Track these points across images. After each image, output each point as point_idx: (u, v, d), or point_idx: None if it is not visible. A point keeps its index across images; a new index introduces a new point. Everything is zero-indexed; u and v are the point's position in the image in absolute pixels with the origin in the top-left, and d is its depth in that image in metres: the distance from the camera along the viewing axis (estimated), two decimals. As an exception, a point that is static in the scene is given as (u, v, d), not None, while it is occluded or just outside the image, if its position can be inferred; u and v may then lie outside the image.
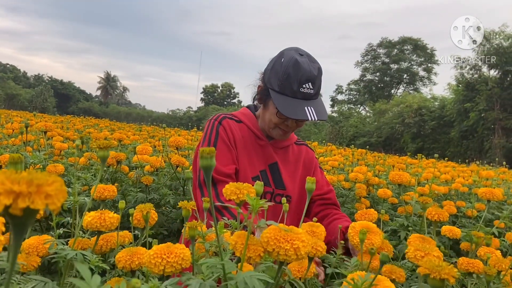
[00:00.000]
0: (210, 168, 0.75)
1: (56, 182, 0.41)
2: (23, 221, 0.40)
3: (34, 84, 65.58)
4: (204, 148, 0.73)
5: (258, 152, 1.64)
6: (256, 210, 0.82)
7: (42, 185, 0.39)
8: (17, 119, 6.06)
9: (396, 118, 29.72)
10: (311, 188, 0.99)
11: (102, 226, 1.04)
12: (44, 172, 0.41)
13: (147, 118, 50.92)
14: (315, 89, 1.53)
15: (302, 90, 1.50)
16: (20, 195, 0.38)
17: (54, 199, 0.40)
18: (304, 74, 1.50)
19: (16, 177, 0.39)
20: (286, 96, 1.51)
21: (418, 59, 44.19)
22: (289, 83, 1.50)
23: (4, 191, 0.37)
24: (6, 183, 0.38)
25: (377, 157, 5.63)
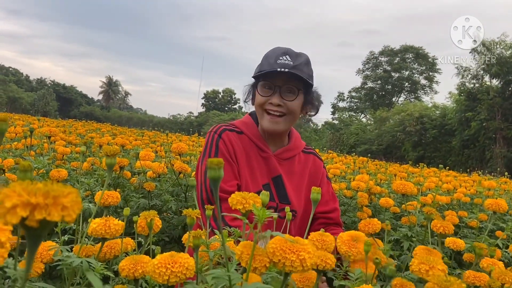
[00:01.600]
0: (218, 180, 0.75)
1: (71, 193, 0.41)
2: (38, 232, 0.40)
3: (37, 88, 65.80)
4: (212, 159, 0.73)
5: (261, 164, 1.57)
6: (262, 220, 0.82)
7: (59, 197, 0.40)
8: (20, 123, 6.08)
9: (397, 126, 29.73)
10: (316, 198, 1.00)
11: (107, 233, 1.04)
12: (60, 183, 0.42)
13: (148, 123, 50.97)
14: (294, 62, 1.48)
15: (279, 61, 1.48)
16: (37, 207, 0.38)
17: (70, 211, 0.40)
18: (281, 49, 1.51)
19: (32, 189, 0.39)
20: (264, 71, 1.50)
21: (420, 68, 44.32)
22: (267, 61, 1.51)
23: (21, 203, 0.38)
24: (23, 194, 0.38)
25: (379, 165, 5.63)
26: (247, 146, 1.58)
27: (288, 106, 1.52)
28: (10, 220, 0.38)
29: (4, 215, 0.38)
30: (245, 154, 1.56)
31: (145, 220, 1.13)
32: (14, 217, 0.38)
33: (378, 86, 46.10)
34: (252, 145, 1.59)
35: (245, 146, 1.57)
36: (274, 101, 1.50)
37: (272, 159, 1.58)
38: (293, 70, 1.46)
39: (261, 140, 1.60)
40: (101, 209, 1.51)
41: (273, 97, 1.50)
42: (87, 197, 2.14)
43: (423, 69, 44.23)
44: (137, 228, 1.15)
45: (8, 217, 0.38)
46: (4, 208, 0.38)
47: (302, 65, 1.50)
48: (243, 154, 1.56)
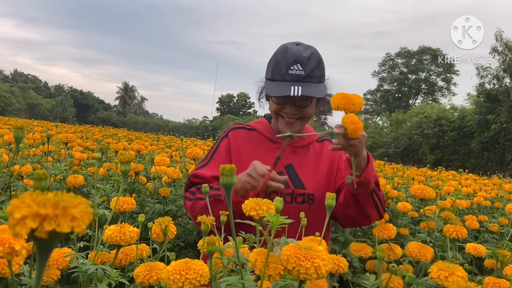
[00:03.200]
0: (230, 186, 0.74)
1: (81, 204, 0.41)
2: (48, 243, 0.40)
3: (55, 94, 67.14)
4: (225, 166, 0.73)
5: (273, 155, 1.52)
6: (276, 227, 0.81)
7: (68, 208, 0.39)
8: (38, 129, 6.20)
9: (415, 128, 29.30)
10: (331, 204, 0.98)
11: (122, 240, 1.04)
12: (70, 193, 0.41)
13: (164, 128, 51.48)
14: (306, 70, 1.47)
15: (290, 72, 1.46)
16: (46, 218, 0.38)
17: (80, 222, 0.40)
18: (292, 56, 1.48)
19: (42, 200, 0.39)
20: (276, 80, 1.49)
21: (437, 69, 43.68)
22: (278, 68, 1.49)
23: (30, 214, 0.37)
24: (32, 205, 0.38)
25: (396, 169, 5.55)
26: (257, 140, 1.62)
27: (302, 112, 1.54)
28: (19, 232, 0.37)
29: (13, 227, 0.38)
30: (251, 146, 1.60)
31: (159, 227, 1.13)
32: (24, 229, 0.37)
33: (394, 88, 45.60)
34: (263, 139, 1.62)
35: (254, 141, 1.61)
36: (289, 111, 1.52)
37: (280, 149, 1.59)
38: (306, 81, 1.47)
39: (272, 133, 1.63)
40: (116, 215, 1.52)
41: (287, 106, 1.51)
42: (103, 202, 2.16)
43: (440, 71, 43.57)
44: (152, 235, 1.15)
45: (18, 229, 0.37)
46: (13, 219, 0.38)
47: (313, 70, 1.49)
48: (249, 147, 1.59)
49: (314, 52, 1.52)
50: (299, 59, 1.47)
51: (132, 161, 1.00)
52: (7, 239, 0.65)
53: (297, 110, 1.52)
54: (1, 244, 0.64)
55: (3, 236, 0.65)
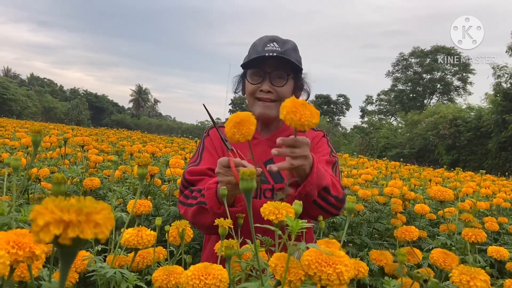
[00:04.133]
0: (250, 191, 0.73)
1: (104, 209, 0.40)
2: (71, 250, 0.39)
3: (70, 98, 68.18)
4: (245, 170, 0.71)
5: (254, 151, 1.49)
6: (295, 232, 0.79)
7: (91, 214, 0.38)
8: (55, 132, 6.28)
9: (430, 129, 28.89)
10: (351, 207, 0.96)
11: (139, 244, 1.04)
12: (91, 198, 0.41)
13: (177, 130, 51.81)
14: (282, 48, 1.46)
15: (266, 48, 1.46)
16: (69, 224, 0.37)
17: (103, 228, 0.39)
18: (268, 37, 1.49)
19: (65, 205, 0.38)
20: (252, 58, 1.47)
21: (452, 69, 43.08)
22: (254, 49, 1.49)
23: (53, 221, 0.37)
24: (55, 211, 0.37)
25: (412, 170, 5.47)
26: None
27: (278, 92, 1.50)
28: (43, 238, 0.37)
29: (37, 233, 0.37)
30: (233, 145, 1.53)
31: (177, 230, 1.12)
32: (47, 235, 0.37)
33: (408, 88, 45.11)
34: None
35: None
36: (264, 87, 1.48)
37: (263, 145, 1.57)
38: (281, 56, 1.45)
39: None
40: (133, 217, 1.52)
41: (263, 84, 1.49)
42: (119, 205, 2.17)
43: (456, 70, 42.95)
44: (169, 238, 1.15)
45: (41, 235, 0.37)
46: (37, 226, 0.37)
47: (290, 51, 1.49)
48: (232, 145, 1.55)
49: (291, 41, 1.53)
50: (275, 39, 1.49)
51: (149, 164, 0.99)
52: (27, 243, 0.65)
53: (272, 88, 1.49)
54: (22, 249, 0.64)
55: (23, 241, 0.65)
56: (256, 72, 1.49)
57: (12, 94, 48.44)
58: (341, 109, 53.58)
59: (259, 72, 1.49)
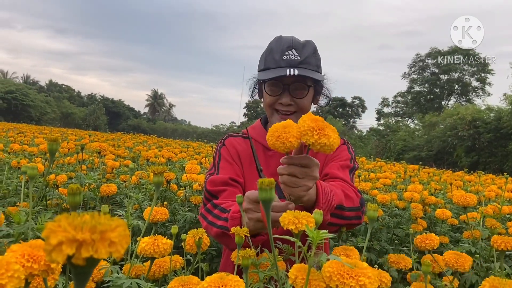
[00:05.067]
0: (269, 201, 0.71)
1: (119, 226, 0.38)
2: (85, 270, 0.37)
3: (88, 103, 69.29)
4: (264, 180, 0.69)
5: (268, 164, 1.51)
6: (316, 243, 0.77)
7: (106, 232, 0.37)
8: (72, 137, 6.37)
9: (448, 130, 28.37)
10: (373, 216, 0.92)
11: (155, 253, 1.03)
12: (106, 215, 0.39)
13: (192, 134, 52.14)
14: (301, 56, 1.40)
15: (285, 57, 1.39)
16: (83, 243, 0.35)
17: (118, 246, 0.37)
18: (286, 42, 1.42)
19: (79, 223, 0.36)
20: (270, 69, 1.41)
21: (471, 69, 42.30)
22: (272, 56, 1.42)
23: (66, 240, 0.35)
24: (69, 230, 0.36)
25: (431, 173, 5.36)
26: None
27: (298, 103, 1.45)
28: (55, 258, 0.35)
29: (49, 253, 0.35)
30: (250, 156, 1.51)
31: (193, 239, 1.10)
32: (60, 255, 0.35)
33: (425, 90, 44.46)
34: (259, 145, 1.54)
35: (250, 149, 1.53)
36: (284, 101, 1.43)
37: (278, 156, 1.48)
38: (302, 67, 1.39)
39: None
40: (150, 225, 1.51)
41: (282, 96, 1.44)
42: (136, 211, 2.17)
43: (474, 70, 42.17)
44: (186, 246, 1.13)
45: (54, 255, 0.35)
46: (49, 245, 0.35)
47: (309, 57, 1.43)
48: (248, 157, 1.52)
49: (310, 41, 1.47)
50: (294, 45, 1.42)
51: (164, 172, 0.98)
52: (42, 256, 0.64)
53: (293, 101, 1.44)
54: (37, 262, 0.63)
55: (38, 254, 0.63)
56: (275, 83, 1.44)
57: (31, 100, 49.49)
58: (357, 112, 53.15)
59: (278, 84, 1.43)
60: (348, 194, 1.29)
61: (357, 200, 1.32)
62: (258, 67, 1.52)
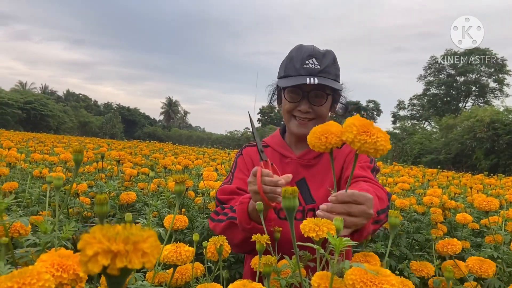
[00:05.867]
0: (293, 209, 0.71)
1: (150, 237, 0.39)
2: (119, 279, 0.38)
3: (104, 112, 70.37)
4: (287, 188, 0.70)
5: (285, 171, 1.49)
6: (338, 250, 0.77)
7: (138, 242, 0.38)
8: (90, 146, 6.48)
9: (467, 133, 27.88)
10: (395, 223, 0.92)
11: (178, 260, 1.04)
12: (137, 226, 0.40)
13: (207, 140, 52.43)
14: (321, 65, 1.42)
15: (305, 66, 1.42)
16: (117, 254, 0.36)
17: (150, 257, 0.38)
18: (306, 51, 1.44)
19: (112, 235, 0.38)
20: (290, 76, 1.44)
21: (488, 70, 41.59)
22: (292, 64, 1.45)
23: (102, 251, 0.36)
24: (104, 241, 0.37)
25: (450, 177, 5.28)
26: (269, 157, 1.56)
27: (316, 111, 1.47)
28: (92, 269, 0.36)
29: (85, 264, 0.36)
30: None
31: (214, 246, 1.11)
32: (96, 266, 0.36)
33: (442, 92, 43.84)
34: (275, 154, 1.58)
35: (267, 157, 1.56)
36: (303, 108, 1.46)
37: (294, 164, 1.54)
38: (321, 76, 1.42)
39: (284, 147, 1.58)
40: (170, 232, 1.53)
41: (301, 103, 1.46)
42: (155, 218, 2.19)
43: (491, 71, 41.45)
44: (207, 254, 1.14)
45: (90, 266, 0.36)
46: (85, 256, 0.37)
47: (329, 66, 1.45)
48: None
49: (330, 51, 1.49)
50: (314, 54, 1.44)
51: (185, 181, 0.99)
52: (71, 265, 0.66)
53: (311, 108, 1.46)
54: (66, 271, 0.64)
55: (67, 263, 0.65)
56: (294, 91, 1.46)
57: (50, 110, 50.53)
58: (372, 115, 52.68)
59: (297, 91, 1.46)
60: (379, 196, 1.27)
61: (387, 199, 1.32)
62: (278, 74, 1.55)
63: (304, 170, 1.53)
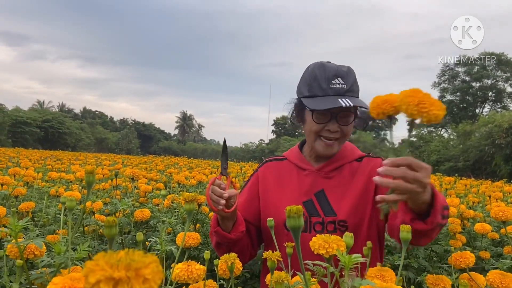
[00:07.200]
0: (298, 229, 0.71)
1: (152, 263, 0.40)
2: (122, 306, 0.39)
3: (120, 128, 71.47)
4: (292, 207, 0.70)
5: (302, 183, 1.53)
6: (348, 267, 0.76)
7: (140, 269, 0.38)
8: (106, 163, 6.58)
9: (485, 139, 27.37)
10: (407, 238, 0.90)
11: (189, 279, 1.04)
12: (140, 251, 0.41)
13: (222, 153, 52.43)
14: (347, 84, 1.42)
15: (332, 86, 1.41)
16: (119, 281, 0.37)
17: (152, 283, 0.39)
18: (331, 71, 1.43)
19: (115, 262, 0.38)
20: (317, 96, 1.43)
21: (504, 75, 40.94)
22: (318, 83, 1.43)
23: (104, 278, 0.37)
24: (106, 268, 0.38)
25: (469, 185, 5.17)
26: (286, 169, 1.60)
27: (344, 130, 1.47)
28: (94, 296, 0.37)
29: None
30: (280, 177, 1.59)
31: (226, 264, 1.11)
32: (98, 293, 0.37)
33: (457, 99, 43.27)
34: (292, 167, 1.59)
35: (283, 171, 1.60)
36: (333, 128, 1.45)
37: (313, 175, 1.53)
38: (349, 95, 1.42)
39: (302, 159, 1.59)
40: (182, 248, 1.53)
41: (329, 124, 1.45)
42: (169, 235, 2.20)
43: (508, 76, 40.79)
44: (219, 271, 1.14)
45: (93, 293, 0.37)
46: (88, 284, 0.37)
47: (353, 84, 1.46)
48: (278, 178, 1.59)
49: (350, 68, 1.49)
50: (339, 73, 1.43)
51: (196, 199, 1.00)
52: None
53: (339, 128, 1.45)
54: (77, 293, 0.65)
55: (78, 286, 0.66)
56: (324, 113, 1.44)
57: (67, 128, 51.55)
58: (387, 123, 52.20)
59: (326, 113, 1.44)
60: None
61: None
62: (299, 92, 1.52)
63: (323, 182, 1.52)
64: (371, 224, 1.46)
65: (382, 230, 1.50)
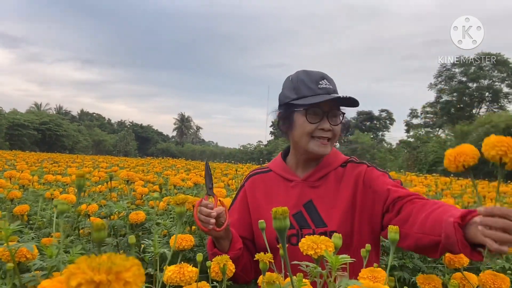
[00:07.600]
0: (284, 229, 0.72)
1: (133, 266, 0.40)
2: (103, 309, 0.40)
3: (118, 130, 71.39)
4: (277, 209, 0.71)
5: (289, 195, 1.53)
6: (336, 268, 0.77)
7: (121, 272, 0.39)
8: (103, 165, 6.57)
9: (482, 139, 27.37)
10: (394, 238, 0.92)
11: (182, 281, 1.05)
12: (122, 255, 0.42)
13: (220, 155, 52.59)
14: (332, 86, 1.49)
15: (320, 86, 1.46)
16: (100, 284, 0.38)
17: (133, 285, 0.39)
18: (317, 74, 1.49)
19: (96, 265, 0.39)
20: (306, 96, 1.46)
21: (500, 75, 41.09)
22: (305, 85, 1.47)
23: (85, 282, 0.38)
24: (87, 272, 0.38)
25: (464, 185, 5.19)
26: (272, 182, 1.60)
27: (335, 130, 1.49)
28: (75, 299, 0.38)
29: (70, 294, 0.38)
30: (269, 190, 1.59)
31: (218, 266, 1.12)
32: (79, 297, 0.38)
33: (454, 99, 43.39)
34: (279, 179, 1.59)
35: (270, 183, 1.60)
36: (326, 126, 1.46)
37: (300, 186, 1.54)
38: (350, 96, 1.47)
39: (287, 170, 1.59)
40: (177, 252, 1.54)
41: (322, 123, 1.47)
42: (164, 237, 2.20)
43: (504, 76, 40.94)
44: (211, 273, 1.15)
45: (74, 296, 0.38)
46: (70, 287, 0.38)
47: (336, 87, 1.53)
48: (267, 192, 1.59)
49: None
50: (325, 76, 1.50)
51: (186, 202, 1.01)
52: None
53: (331, 127, 1.47)
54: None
55: None
56: (316, 111, 1.46)
57: (65, 130, 51.45)
58: (385, 124, 52.39)
59: (318, 111, 1.46)
60: None
61: None
62: (284, 98, 1.54)
63: (310, 192, 1.53)
64: (362, 230, 1.46)
65: (377, 232, 1.50)
